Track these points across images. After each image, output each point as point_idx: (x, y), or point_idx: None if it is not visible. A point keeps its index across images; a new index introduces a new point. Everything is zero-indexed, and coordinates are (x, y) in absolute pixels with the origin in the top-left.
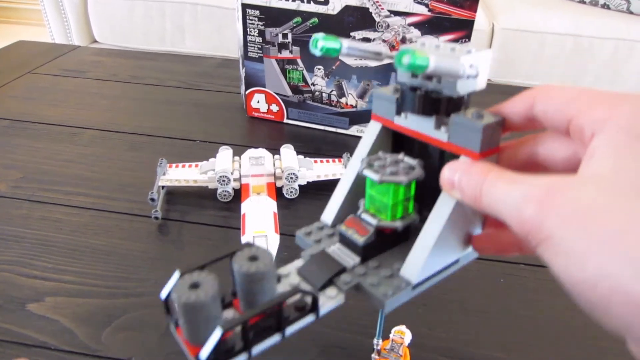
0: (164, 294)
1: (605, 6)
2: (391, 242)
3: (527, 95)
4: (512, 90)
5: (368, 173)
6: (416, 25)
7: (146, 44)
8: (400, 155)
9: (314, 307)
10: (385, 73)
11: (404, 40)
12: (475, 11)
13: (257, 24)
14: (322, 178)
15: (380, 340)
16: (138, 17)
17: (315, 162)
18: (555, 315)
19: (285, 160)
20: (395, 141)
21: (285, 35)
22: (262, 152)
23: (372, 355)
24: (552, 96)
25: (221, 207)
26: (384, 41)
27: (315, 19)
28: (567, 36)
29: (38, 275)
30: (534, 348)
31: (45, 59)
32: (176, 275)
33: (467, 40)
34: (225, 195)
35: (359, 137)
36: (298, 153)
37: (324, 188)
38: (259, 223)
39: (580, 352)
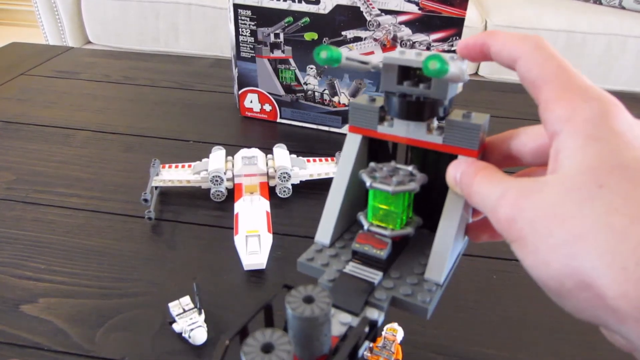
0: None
1: (598, 2)
2: (400, 249)
3: (512, 51)
4: (506, 87)
5: (379, 186)
6: (407, 23)
7: (140, 44)
8: (393, 163)
9: (371, 333)
10: (376, 72)
11: (395, 39)
12: (465, 9)
13: (249, 24)
14: (315, 177)
15: None
16: (132, 17)
17: (308, 161)
18: (546, 311)
19: (278, 159)
20: (370, 150)
21: (277, 35)
22: (254, 151)
23: (364, 352)
24: (530, 61)
25: (214, 207)
26: (375, 40)
27: (307, 19)
28: (560, 32)
29: (31, 276)
30: (526, 344)
31: (39, 60)
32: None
33: (457, 38)
34: (218, 195)
35: None
36: (291, 152)
37: (317, 187)
38: (252, 222)
39: (571, 346)
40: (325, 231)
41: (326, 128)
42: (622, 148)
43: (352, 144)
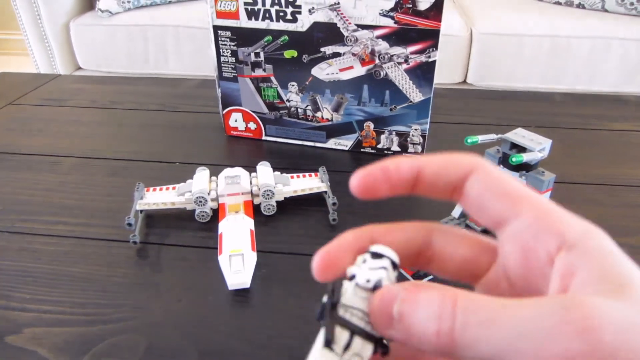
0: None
1: (581, 6)
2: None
3: (461, 164)
4: (490, 94)
5: None
6: (384, 37)
7: (130, 67)
8: None
9: None
10: (357, 86)
11: (373, 53)
12: (440, 21)
13: (230, 45)
14: (299, 193)
15: None
16: (121, 41)
17: (292, 177)
18: None
19: (261, 177)
20: None
21: (257, 54)
22: (238, 170)
23: None
24: (493, 179)
25: (200, 228)
26: (353, 54)
27: (286, 37)
28: (544, 37)
29: (16, 306)
30: None
31: (26, 89)
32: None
33: (434, 49)
34: (203, 215)
35: (337, 150)
36: (277, 169)
37: (302, 203)
38: (236, 242)
39: None
40: (457, 210)
41: (311, 143)
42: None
43: None
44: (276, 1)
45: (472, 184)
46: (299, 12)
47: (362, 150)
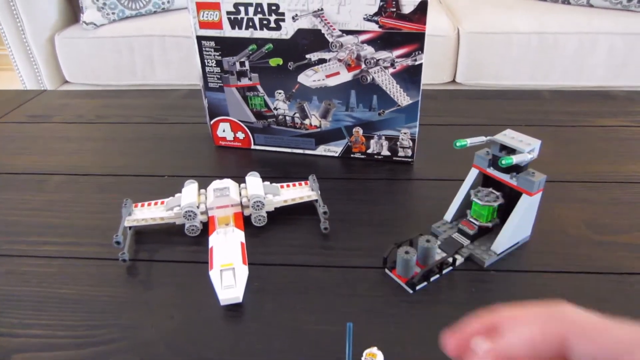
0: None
1: (566, 2)
2: (484, 233)
3: (550, 340)
4: (481, 94)
5: (476, 200)
6: (369, 42)
7: (117, 79)
8: (490, 189)
9: (454, 264)
10: (345, 92)
11: (358, 58)
12: (424, 24)
13: (214, 55)
14: (290, 203)
15: None
16: (107, 53)
17: (282, 187)
18: None
19: (250, 188)
20: (485, 178)
21: (242, 63)
22: (227, 182)
23: None
24: (597, 337)
25: (190, 242)
26: (339, 60)
27: (270, 45)
28: (532, 34)
29: (4, 332)
30: None
31: (11, 106)
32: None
33: (420, 52)
34: (193, 229)
35: (327, 157)
36: (266, 178)
37: (293, 212)
38: (226, 256)
39: None
40: (449, 214)
41: (300, 151)
42: None
43: (473, 174)
44: (259, 9)
45: (579, 353)
46: (283, 20)
47: (352, 155)
